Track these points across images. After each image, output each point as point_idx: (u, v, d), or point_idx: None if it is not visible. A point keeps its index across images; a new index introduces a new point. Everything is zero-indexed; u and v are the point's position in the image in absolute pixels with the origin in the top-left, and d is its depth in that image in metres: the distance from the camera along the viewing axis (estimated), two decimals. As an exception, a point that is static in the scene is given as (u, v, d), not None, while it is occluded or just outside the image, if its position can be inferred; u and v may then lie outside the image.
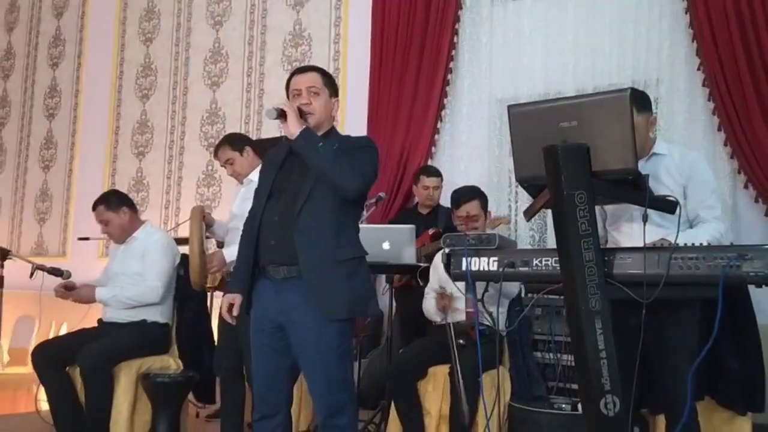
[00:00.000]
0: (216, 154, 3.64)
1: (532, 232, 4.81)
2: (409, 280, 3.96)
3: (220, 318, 2.62)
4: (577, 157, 1.97)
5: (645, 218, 2.05)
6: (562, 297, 2.28)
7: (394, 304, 3.94)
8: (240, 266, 2.46)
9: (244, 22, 6.32)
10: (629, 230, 2.50)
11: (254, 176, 3.28)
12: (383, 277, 4.27)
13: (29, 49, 7.87)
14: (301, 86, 2.42)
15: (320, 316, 2.28)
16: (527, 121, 2.14)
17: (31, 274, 3.56)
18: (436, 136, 5.13)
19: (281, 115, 2.30)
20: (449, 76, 5.12)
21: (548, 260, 2.18)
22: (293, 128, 2.29)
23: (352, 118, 5.46)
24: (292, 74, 2.48)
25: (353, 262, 2.36)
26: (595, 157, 1.99)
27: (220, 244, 3.84)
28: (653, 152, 2.57)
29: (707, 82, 4.24)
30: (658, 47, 4.45)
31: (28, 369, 5.79)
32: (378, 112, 5.31)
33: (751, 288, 4.00)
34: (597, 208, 2.62)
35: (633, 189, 2.07)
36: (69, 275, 3.73)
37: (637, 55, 4.51)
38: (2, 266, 3.47)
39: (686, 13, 4.34)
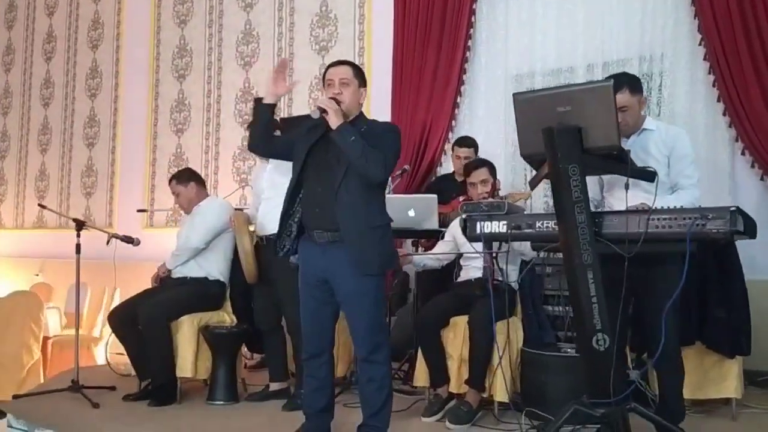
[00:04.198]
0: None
1: (546, 198, 5.17)
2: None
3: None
4: (570, 136, 2.36)
5: (627, 186, 2.44)
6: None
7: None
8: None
9: (273, 4, 6.58)
10: (621, 196, 2.82)
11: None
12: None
13: (70, 32, 8.19)
14: (334, 77, 2.82)
15: (360, 272, 2.73)
16: (529, 107, 2.52)
17: (108, 242, 4.04)
18: (456, 111, 5.40)
19: (323, 111, 2.71)
20: (468, 54, 5.38)
21: (549, 222, 2.58)
22: (333, 124, 2.70)
23: (377, 96, 5.71)
24: (328, 67, 2.88)
25: (382, 228, 2.80)
26: (586, 136, 2.37)
27: None
28: (644, 128, 2.92)
29: (708, 56, 4.49)
30: (662, 24, 4.72)
31: (82, 330, 6.34)
32: (401, 89, 5.58)
33: (745, 245, 4.40)
34: (596, 177, 3.02)
35: (618, 162, 2.46)
36: (139, 242, 4.21)
37: (643, 32, 4.77)
38: (79, 235, 3.94)
39: (689, -9, 4.61)
